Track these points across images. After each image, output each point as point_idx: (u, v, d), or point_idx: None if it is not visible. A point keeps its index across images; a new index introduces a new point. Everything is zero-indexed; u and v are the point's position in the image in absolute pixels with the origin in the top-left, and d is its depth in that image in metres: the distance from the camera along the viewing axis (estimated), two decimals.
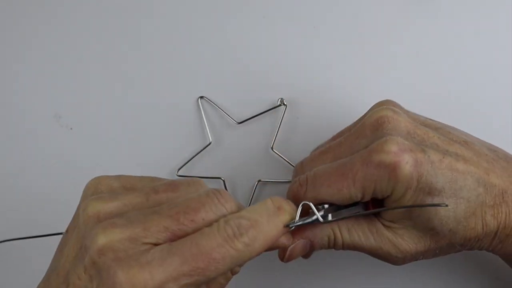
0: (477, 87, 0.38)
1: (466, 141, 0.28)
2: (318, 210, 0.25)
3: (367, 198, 0.26)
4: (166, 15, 0.40)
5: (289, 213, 0.25)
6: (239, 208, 0.24)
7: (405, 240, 0.27)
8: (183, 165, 0.36)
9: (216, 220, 0.23)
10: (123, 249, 0.21)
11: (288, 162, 0.37)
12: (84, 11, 0.40)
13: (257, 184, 0.36)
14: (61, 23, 0.40)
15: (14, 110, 0.38)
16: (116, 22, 0.39)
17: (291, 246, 0.27)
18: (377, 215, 0.27)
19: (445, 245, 0.27)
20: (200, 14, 0.40)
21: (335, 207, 0.27)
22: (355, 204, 0.27)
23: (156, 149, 0.37)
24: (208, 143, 0.37)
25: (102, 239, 0.21)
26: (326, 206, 0.27)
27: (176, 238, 0.22)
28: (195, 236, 0.22)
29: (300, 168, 0.30)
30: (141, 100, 0.38)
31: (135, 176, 0.26)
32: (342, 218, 0.27)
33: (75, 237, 0.24)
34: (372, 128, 0.27)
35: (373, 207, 0.27)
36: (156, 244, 0.22)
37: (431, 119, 0.30)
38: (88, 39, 0.39)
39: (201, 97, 0.38)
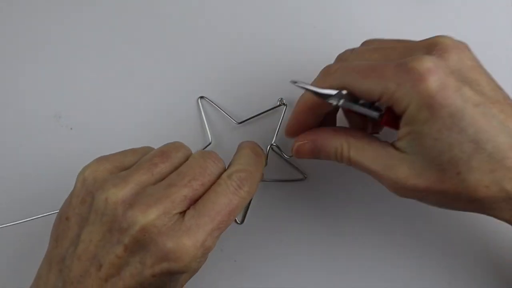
0: None
1: None
2: (339, 92, 0.27)
3: (384, 101, 0.25)
4: (165, 15, 0.40)
5: (263, 154, 0.31)
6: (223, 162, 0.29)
7: (408, 169, 0.26)
8: None
9: (218, 177, 0.28)
10: (163, 223, 0.25)
11: (288, 162, 0.37)
12: (84, 11, 0.40)
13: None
14: (61, 23, 0.40)
15: (14, 110, 0.38)
16: (116, 22, 0.40)
17: (299, 142, 0.30)
18: (389, 143, 0.27)
19: (451, 191, 0.25)
20: (200, 14, 0.40)
21: (352, 98, 0.27)
22: (372, 108, 0.27)
23: None
24: (208, 143, 0.37)
25: (142, 219, 0.25)
26: (344, 92, 0.27)
27: (192, 202, 0.26)
28: (210, 196, 0.27)
29: (348, 54, 0.30)
30: (141, 100, 0.38)
31: (115, 154, 0.29)
32: (341, 106, 0.27)
33: (99, 223, 0.26)
34: (428, 46, 0.26)
35: (387, 122, 0.27)
36: (182, 212, 0.26)
37: (494, 79, 0.27)
38: (88, 39, 0.39)
39: (201, 97, 0.38)
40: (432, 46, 0.26)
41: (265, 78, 0.38)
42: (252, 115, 0.37)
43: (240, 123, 0.37)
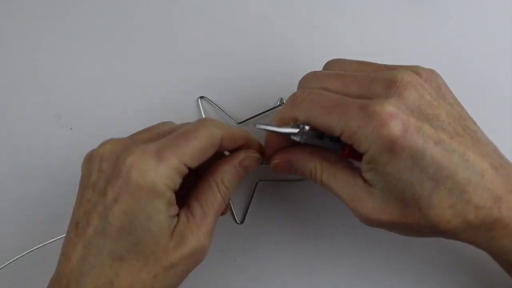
0: (478, 87, 0.38)
1: (478, 139, 0.27)
2: (301, 129, 0.27)
3: (346, 138, 0.26)
4: (166, 15, 0.40)
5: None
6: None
7: (373, 203, 0.27)
8: None
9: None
10: (118, 149, 0.26)
11: None
12: (85, 11, 0.40)
13: (256, 184, 0.36)
14: (62, 23, 0.40)
15: (14, 110, 0.38)
16: (117, 22, 0.40)
17: (276, 161, 0.31)
18: (360, 171, 0.27)
19: (413, 224, 0.26)
20: (200, 14, 0.40)
21: (314, 134, 0.28)
22: (335, 141, 0.28)
23: None
24: None
25: (102, 149, 0.26)
26: (307, 127, 0.27)
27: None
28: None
29: (310, 78, 0.30)
30: (141, 100, 0.38)
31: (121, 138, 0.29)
32: (306, 144, 0.28)
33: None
34: (388, 84, 0.26)
35: (349, 155, 0.27)
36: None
37: (458, 106, 0.28)
38: (88, 39, 0.39)
39: (201, 97, 0.38)
40: (391, 83, 0.26)
41: (265, 78, 0.38)
42: (252, 115, 0.37)
43: (240, 123, 0.37)
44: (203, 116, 0.37)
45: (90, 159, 0.27)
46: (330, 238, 0.36)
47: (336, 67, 0.30)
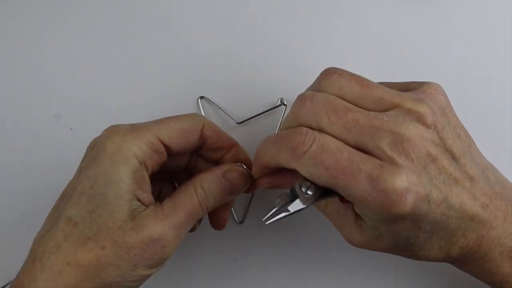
0: (478, 87, 0.38)
1: (472, 178, 0.26)
2: (305, 187, 0.25)
3: (350, 200, 0.25)
4: (165, 15, 0.40)
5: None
6: None
7: (363, 237, 0.27)
8: None
9: None
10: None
11: None
12: (85, 11, 0.40)
13: None
14: (62, 23, 0.40)
15: (14, 110, 0.38)
16: (117, 22, 0.39)
17: (265, 184, 0.29)
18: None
19: (402, 255, 0.28)
20: (200, 14, 0.40)
21: (320, 192, 0.26)
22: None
23: None
24: None
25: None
26: (310, 193, 0.25)
27: None
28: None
29: (308, 107, 0.26)
30: (141, 100, 0.38)
31: None
32: (309, 205, 0.26)
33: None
34: (393, 142, 0.24)
35: (347, 201, 0.26)
36: None
37: (458, 130, 0.27)
38: (88, 39, 0.39)
39: (201, 97, 0.38)
40: (397, 143, 0.24)
41: (265, 78, 0.38)
42: (252, 115, 0.37)
43: (240, 123, 0.37)
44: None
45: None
46: (330, 238, 0.36)
47: (335, 88, 0.26)
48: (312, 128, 0.25)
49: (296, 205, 0.26)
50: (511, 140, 0.35)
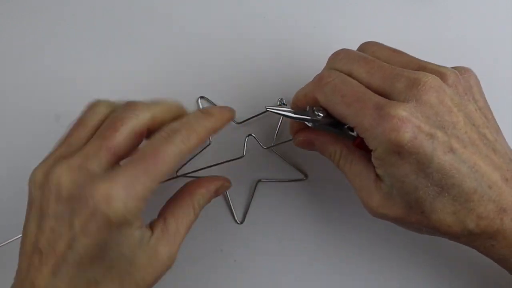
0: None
1: (494, 150, 0.27)
2: (319, 110, 0.29)
3: (358, 132, 0.27)
4: (165, 16, 0.40)
5: (216, 117, 0.28)
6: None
7: (381, 198, 0.27)
8: (182, 166, 0.36)
9: (141, 119, 0.27)
10: (81, 179, 0.25)
11: (287, 162, 0.37)
12: (85, 11, 0.40)
13: (257, 184, 0.36)
14: (61, 23, 0.40)
15: (14, 110, 0.38)
16: (116, 22, 0.40)
17: (300, 138, 0.32)
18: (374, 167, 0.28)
19: (416, 224, 0.27)
20: (200, 14, 0.40)
21: (327, 122, 0.29)
22: (350, 130, 0.29)
23: None
24: (207, 143, 0.37)
25: (61, 180, 0.25)
26: (321, 115, 0.29)
27: (115, 151, 0.26)
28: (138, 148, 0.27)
29: (340, 58, 0.29)
30: (141, 100, 0.38)
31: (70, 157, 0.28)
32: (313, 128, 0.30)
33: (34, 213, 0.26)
34: (409, 85, 0.26)
35: (360, 145, 0.28)
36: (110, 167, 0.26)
37: (484, 111, 0.28)
38: (88, 40, 0.39)
39: (201, 97, 0.38)
40: (413, 85, 0.26)
41: (265, 78, 0.38)
42: (252, 115, 0.37)
43: (240, 123, 0.37)
44: None
45: (43, 184, 0.26)
46: (330, 238, 0.36)
47: (369, 51, 0.30)
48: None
49: (302, 114, 0.29)
50: (511, 140, 0.35)
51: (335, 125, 0.29)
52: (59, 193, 0.25)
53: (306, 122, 0.29)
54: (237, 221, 0.36)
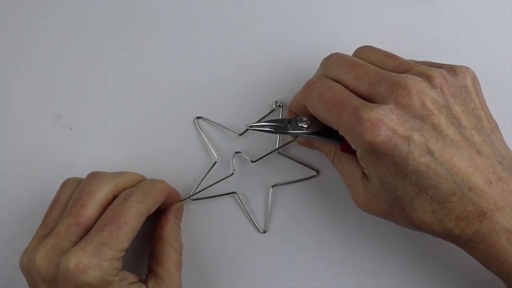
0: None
1: (480, 152, 0.26)
2: (302, 121, 0.30)
3: (340, 133, 0.28)
4: (166, 16, 0.39)
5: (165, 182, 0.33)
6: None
7: (367, 196, 0.28)
8: (195, 190, 0.35)
9: (107, 192, 0.30)
10: (55, 257, 0.28)
11: (297, 161, 0.36)
12: (85, 12, 0.40)
13: (272, 190, 0.36)
14: (62, 23, 0.40)
15: (14, 110, 0.38)
16: (117, 22, 0.39)
17: (300, 139, 0.34)
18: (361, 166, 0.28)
19: (399, 222, 0.28)
20: (201, 14, 0.39)
21: (314, 130, 0.30)
22: (333, 136, 0.30)
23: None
24: (214, 162, 0.36)
25: (37, 264, 0.28)
26: (305, 126, 0.30)
27: (86, 226, 0.29)
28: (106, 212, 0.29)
29: (330, 62, 0.30)
30: (140, 100, 0.38)
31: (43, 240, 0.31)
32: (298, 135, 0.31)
33: None
34: (390, 88, 0.26)
35: (346, 150, 0.29)
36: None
37: (478, 111, 0.28)
38: (89, 40, 0.39)
39: (198, 118, 0.37)
40: (394, 88, 0.26)
41: (265, 78, 0.38)
42: (248, 128, 0.35)
43: (241, 134, 0.37)
44: (203, 136, 0.37)
45: (28, 268, 0.29)
46: (332, 238, 0.36)
47: (364, 55, 0.31)
48: (333, 79, 0.29)
49: (285, 128, 0.30)
50: (511, 140, 0.35)
51: (322, 134, 0.30)
52: (42, 276, 0.28)
53: (289, 135, 0.31)
54: (261, 230, 0.35)
